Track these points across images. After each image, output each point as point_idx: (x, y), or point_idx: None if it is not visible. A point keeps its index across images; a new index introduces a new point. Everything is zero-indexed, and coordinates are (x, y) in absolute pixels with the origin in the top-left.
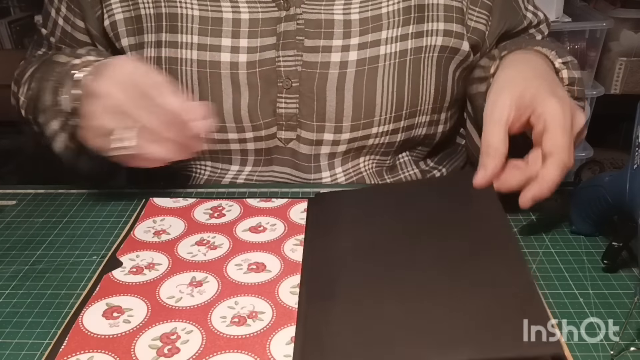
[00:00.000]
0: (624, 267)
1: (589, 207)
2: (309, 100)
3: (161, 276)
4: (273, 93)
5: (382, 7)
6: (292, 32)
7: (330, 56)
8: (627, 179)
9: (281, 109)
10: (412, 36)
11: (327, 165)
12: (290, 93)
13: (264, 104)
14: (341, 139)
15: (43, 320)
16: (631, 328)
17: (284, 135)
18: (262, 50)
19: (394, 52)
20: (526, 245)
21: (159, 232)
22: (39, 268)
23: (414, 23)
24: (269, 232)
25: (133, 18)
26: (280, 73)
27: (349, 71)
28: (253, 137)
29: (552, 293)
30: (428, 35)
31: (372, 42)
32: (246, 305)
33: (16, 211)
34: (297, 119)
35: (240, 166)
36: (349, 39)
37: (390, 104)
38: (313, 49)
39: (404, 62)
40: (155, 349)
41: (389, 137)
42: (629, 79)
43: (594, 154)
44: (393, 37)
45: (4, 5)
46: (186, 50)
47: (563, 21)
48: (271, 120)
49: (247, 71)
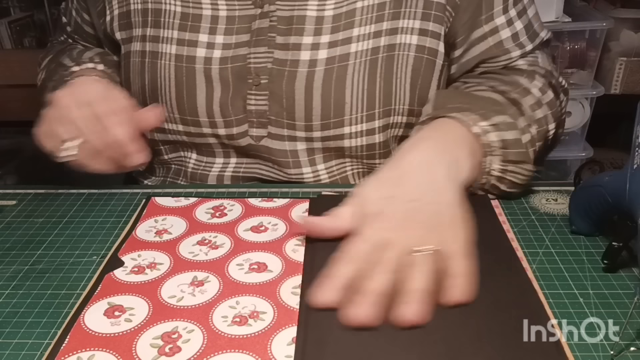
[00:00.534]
0: (624, 267)
1: (589, 207)
2: (278, 97)
3: (162, 276)
4: (244, 90)
5: (357, 2)
6: (265, 29)
7: (299, 54)
8: (627, 179)
9: (251, 106)
10: (385, 33)
11: (307, 162)
12: (259, 90)
13: (235, 100)
14: (314, 137)
15: (43, 320)
16: (631, 328)
17: (255, 132)
18: (235, 47)
19: (365, 49)
20: (526, 245)
21: (160, 232)
22: (39, 268)
23: (388, 20)
24: (271, 232)
25: (125, 13)
26: (250, 70)
27: (317, 69)
28: (225, 135)
29: (552, 293)
30: (402, 32)
31: (342, 40)
32: (247, 305)
33: (16, 211)
34: (267, 116)
35: (224, 158)
36: (319, 36)
37: (360, 102)
38: (284, 46)
39: (375, 59)
40: (157, 347)
41: (366, 137)
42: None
43: (594, 154)
44: (365, 34)
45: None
46: (166, 44)
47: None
48: (242, 117)
49: (219, 66)
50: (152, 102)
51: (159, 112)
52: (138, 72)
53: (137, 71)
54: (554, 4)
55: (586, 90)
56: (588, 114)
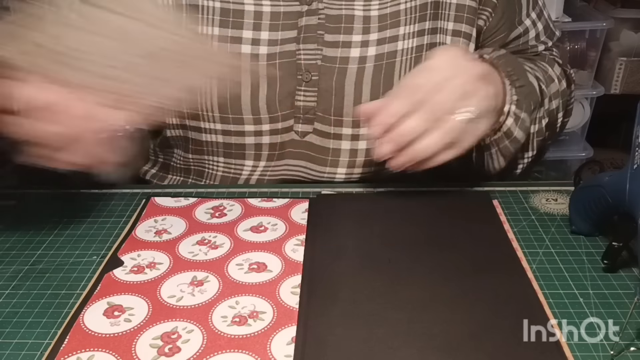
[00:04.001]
0: (624, 267)
1: (589, 207)
2: (327, 94)
3: (162, 275)
4: (292, 85)
5: (400, 4)
6: (313, 27)
7: (349, 51)
8: (627, 179)
9: (299, 102)
10: (428, 32)
11: (346, 162)
12: (309, 86)
13: (283, 96)
14: (360, 134)
15: (43, 320)
16: (631, 328)
17: (301, 128)
18: (282, 43)
19: (411, 47)
20: (526, 245)
21: (160, 232)
22: (39, 268)
23: (430, 19)
24: (270, 232)
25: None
26: (300, 66)
27: (367, 66)
28: (269, 130)
29: (552, 293)
30: (441, 32)
31: (390, 38)
32: (247, 305)
33: (16, 211)
34: (314, 112)
35: (254, 161)
36: (368, 35)
37: None
38: (333, 44)
39: (420, 57)
40: (156, 348)
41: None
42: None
43: (594, 154)
44: (410, 32)
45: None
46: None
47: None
48: (289, 113)
49: (266, 63)
50: (189, 101)
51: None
52: None
53: None
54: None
55: (586, 90)
56: (588, 114)
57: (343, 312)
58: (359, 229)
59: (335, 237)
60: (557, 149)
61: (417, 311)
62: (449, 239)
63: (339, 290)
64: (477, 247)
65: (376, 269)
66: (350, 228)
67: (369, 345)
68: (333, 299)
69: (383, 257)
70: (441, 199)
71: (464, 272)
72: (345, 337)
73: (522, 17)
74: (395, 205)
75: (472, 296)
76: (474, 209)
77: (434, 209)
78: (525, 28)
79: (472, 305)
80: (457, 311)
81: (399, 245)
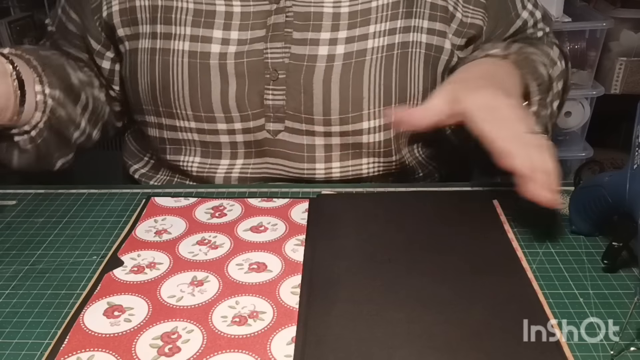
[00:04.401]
0: (624, 267)
1: (589, 207)
2: (296, 92)
3: (162, 275)
4: (260, 84)
5: (372, 2)
6: (281, 25)
7: (317, 49)
8: (627, 179)
9: (268, 101)
10: (399, 30)
11: (323, 157)
12: (277, 85)
13: (252, 95)
14: (332, 132)
15: (43, 320)
16: (631, 328)
17: (272, 127)
18: (251, 42)
19: (381, 45)
20: (526, 245)
21: (160, 232)
22: (39, 268)
23: (402, 18)
24: (270, 232)
25: (127, 9)
26: (267, 65)
27: (335, 64)
28: (242, 129)
29: (552, 293)
30: (415, 31)
31: (359, 36)
32: (247, 305)
33: (16, 211)
34: (284, 110)
35: (230, 160)
36: (336, 32)
37: (377, 97)
38: (301, 42)
39: (391, 56)
40: (156, 348)
41: (383, 133)
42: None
43: (594, 154)
44: (381, 31)
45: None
46: (179, 41)
47: (563, 21)
48: (259, 112)
49: (234, 61)
50: (164, 99)
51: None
52: (147, 69)
53: (146, 68)
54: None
55: (586, 90)
56: (588, 114)
57: (343, 312)
58: (359, 228)
59: (335, 237)
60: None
61: (416, 311)
62: (449, 239)
63: (339, 290)
64: (477, 247)
65: (376, 269)
66: (350, 228)
67: (369, 345)
68: (333, 299)
69: (383, 257)
70: (441, 199)
71: (464, 272)
72: (345, 337)
73: (518, 10)
74: (395, 205)
75: (472, 296)
76: (474, 209)
77: (434, 208)
78: (524, 21)
79: (472, 305)
80: (456, 311)
81: (399, 245)
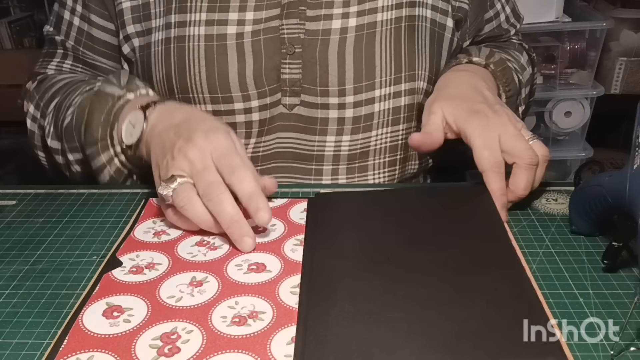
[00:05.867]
0: (624, 267)
1: (589, 207)
2: (312, 65)
3: (161, 276)
4: (277, 59)
5: None
6: (295, 3)
7: (331, 23)
8: (627, 179)
9: (285, 75)
10: (406, 5)
11: (334, 130)
12: (293, 59)
13: (268, 70)
14: (346, 102)
15: (43, 320)
16: (631, 328)
17: (288, 101)
18: (266, 21)
19: (390, 18)
20: (526, 245)
21: (158, 233)
22: (39, 268)
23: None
24: (269, 232)
25: (140, 6)
26: (284, 40)
27: (348, 36)
28: (258, 106)
29: (552, 293)
30: (420, 5)
31: (369, 10)
32: (246, 305)
33: (16, 211)
34: (300, 84)
35: (245, 139)
36: (348, 8)
37: (389, 65)
38: (315, 18)
39: (399, 28)
40: (156, 348)
41: (393, 100)
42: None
43: (594, 154)
44: (389, 5)
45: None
46: (194, 27)
47: (563, 21)
48: (276, 87)
49: (251, 39)
50: (180, 86)
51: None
52: (161, 60)
53: (160, 60)
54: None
55: (586, 90)
56: (588, 114)
57: (343, 312)
58: (358, 227)
59: (334, 236)
60: (557, 149)
61: (416, 310)
62: (449, 236)
63: (339, 289)
64: (477, 245)
65: (375, 268)
66: (349, 227)
67: (369, 344)
68: (333, 298)
69: (382, 256)
70: (440, 196)
71: (463, 271)
72: (345, 336)
73: (493, 1)
74: (394, 203)
75: (472, 295)
76: (474, 206)
77: (433, 206)
78: (496, 12)
79: (472, 305)
80: (456, 310)
81: (398, 244)
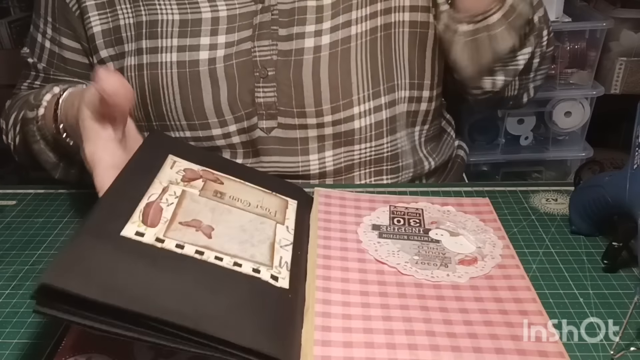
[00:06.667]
0: (624, 267)
1: (589, 207)
2: (286, 87)
3: None
4: (250, 83)
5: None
6: (267, 23)
7: (304, 42)
8: (627, 179)
9: (260, 98)
10: (380, 13)
11: (316, 149)
12: (267, 82)
13: (243, 95)
14: (325, 122)
15: (43, 321)
16: (631, 328)
17: (266, 124)
18: (238, 44)
19: (364, 30)
20: (526, 245)
21: None
22: (39, 268)
23: (382, 0)
24: None
25: (111, 29)
26: (256, 63)
27: (322, 55)
28: (236, 130)
29: (552, 293)
30: (396, 11)
31: (343, 24)
32: None
33: (16, 211)
34: (276, 107)
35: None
36: (321, 24)
37: (366, 81)
38: (287, 37)
39: (374, 39)
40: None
41: (374, 115)
42: (629, 79)
43: (594, 154)
44: (363, 16)
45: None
46: (166, 54)
47: (563, 21)
48: (251, 110)
49: (224, 64)
50: (156, 113)
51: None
52: (136, 86)
53: (135, 85)
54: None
55: (586, 90)
56: (588, 114)
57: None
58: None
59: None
60: (557, 149)
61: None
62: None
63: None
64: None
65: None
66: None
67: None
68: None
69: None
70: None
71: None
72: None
73: None
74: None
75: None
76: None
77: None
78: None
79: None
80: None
81: None
